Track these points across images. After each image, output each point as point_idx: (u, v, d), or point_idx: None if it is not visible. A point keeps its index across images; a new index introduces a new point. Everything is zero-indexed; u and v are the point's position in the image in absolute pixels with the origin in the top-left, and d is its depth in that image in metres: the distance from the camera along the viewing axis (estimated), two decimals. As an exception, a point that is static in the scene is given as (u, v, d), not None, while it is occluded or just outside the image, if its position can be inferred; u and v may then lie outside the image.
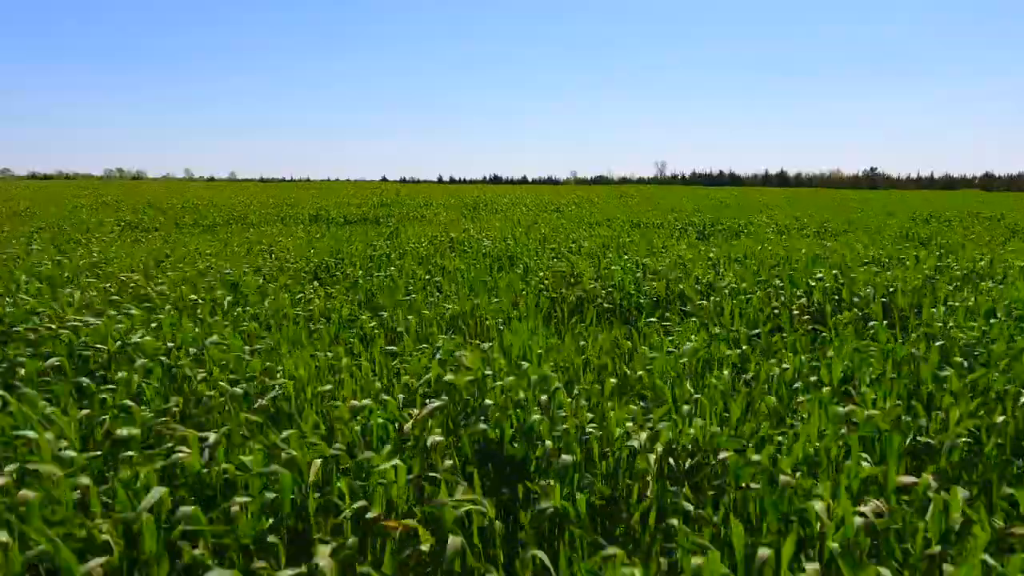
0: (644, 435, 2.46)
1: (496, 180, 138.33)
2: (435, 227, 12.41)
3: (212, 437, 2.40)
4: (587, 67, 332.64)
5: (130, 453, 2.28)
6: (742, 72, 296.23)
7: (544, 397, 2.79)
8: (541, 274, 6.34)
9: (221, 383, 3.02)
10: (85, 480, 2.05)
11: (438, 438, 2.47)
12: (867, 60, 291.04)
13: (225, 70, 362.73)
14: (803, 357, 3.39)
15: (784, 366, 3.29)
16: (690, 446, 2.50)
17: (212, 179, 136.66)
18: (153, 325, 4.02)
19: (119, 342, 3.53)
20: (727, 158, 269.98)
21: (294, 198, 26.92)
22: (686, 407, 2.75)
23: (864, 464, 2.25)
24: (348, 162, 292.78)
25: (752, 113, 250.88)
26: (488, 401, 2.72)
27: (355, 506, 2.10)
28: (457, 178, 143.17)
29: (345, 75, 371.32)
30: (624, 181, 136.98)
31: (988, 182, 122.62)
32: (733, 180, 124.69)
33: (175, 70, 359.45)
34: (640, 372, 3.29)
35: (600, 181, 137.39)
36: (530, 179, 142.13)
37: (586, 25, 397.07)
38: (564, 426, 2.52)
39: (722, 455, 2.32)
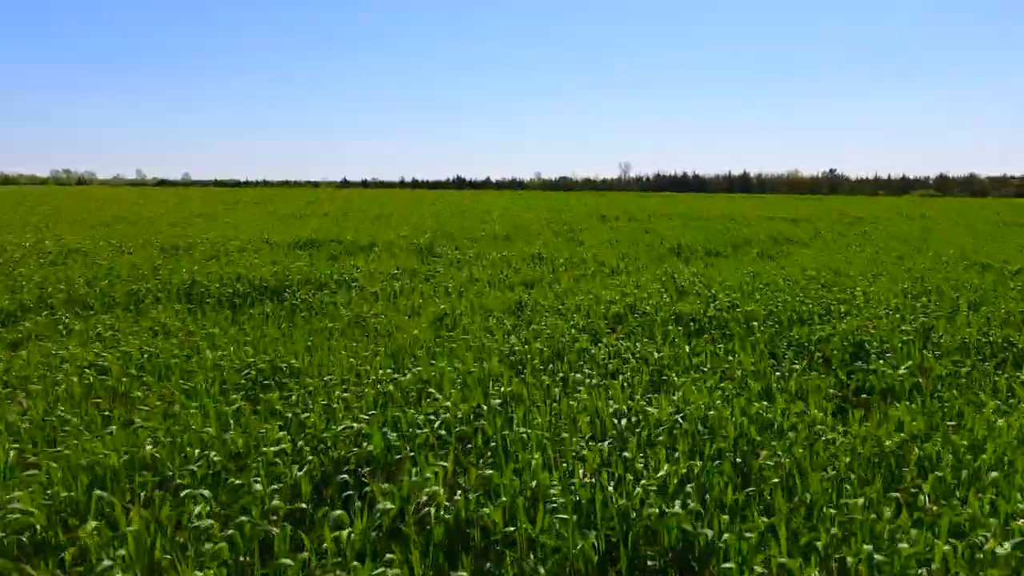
0: None
1: (460, 182, 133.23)
2: (358, 331, 7.52)
3: None
4: (557, 67, 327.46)
5: None
6: (717, 72, 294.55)
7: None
8: None
9: None
10: None
11: None
12: (856, 61, 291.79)
13: (195, 69, 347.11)
14: None
15: None
16: None
17: (164, 182, 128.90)
18: None
19: None
20: (690, 158, 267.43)
21: (202, 220, 21.55)
22: None
23: None
24: (321, 162, 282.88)
25: (715, 113, 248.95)
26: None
27: None
28: (420, 179, 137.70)
29: (319, 74, 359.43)
30: (588, 182, 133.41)
31: (943, 183, 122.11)
32: (697, 182, 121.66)
33: (144, 67, 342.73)
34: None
35: (564, 183, 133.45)
36: (494, 180, 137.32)
37: (556, 26, 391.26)
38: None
39: None
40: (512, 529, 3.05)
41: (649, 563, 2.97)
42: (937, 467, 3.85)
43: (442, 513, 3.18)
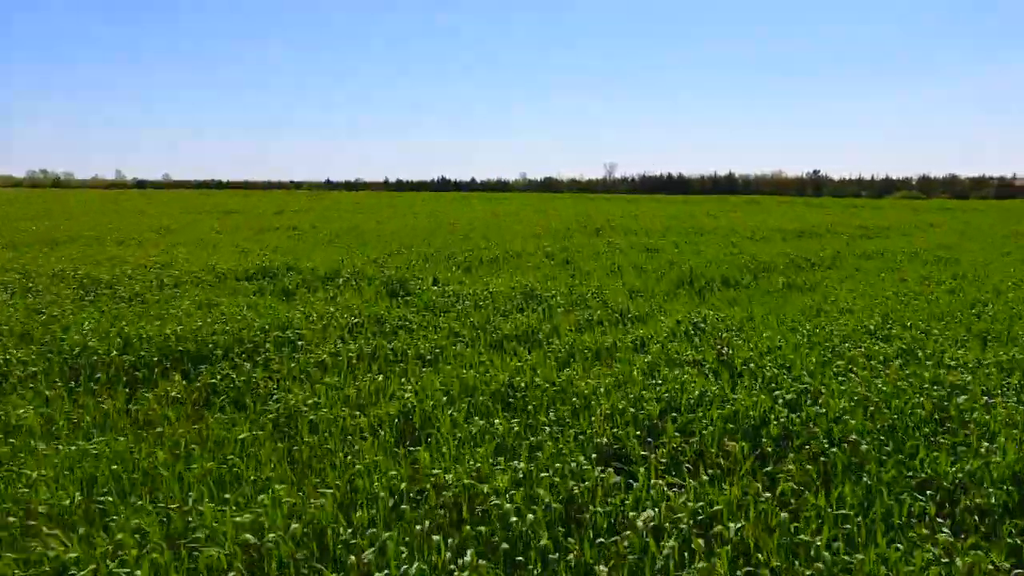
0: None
1: (444, 183, 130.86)
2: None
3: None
4: (540, 66, 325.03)
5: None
6: (700, 72, 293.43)
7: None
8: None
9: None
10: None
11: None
12: (837, 62, 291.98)
13: (177, 67, 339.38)
14: None
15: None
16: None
17: (143, 183, 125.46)
18: None
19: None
20: (673, 159, 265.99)
21: (156, 237, 19.09)
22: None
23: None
24: (305, 161, 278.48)
25: (698, 114, 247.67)
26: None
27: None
28: (405, 180, 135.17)
29: (303, 73, 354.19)
30: (573, 183, 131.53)
31: (926, 184, 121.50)
32: (682, 183, 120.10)
33: (125, 64, 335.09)
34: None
35: (549, 183, 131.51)
36: (479, 180, 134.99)
37: (542, 27, 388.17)
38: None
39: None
40: None
41: None
42: None
43: None
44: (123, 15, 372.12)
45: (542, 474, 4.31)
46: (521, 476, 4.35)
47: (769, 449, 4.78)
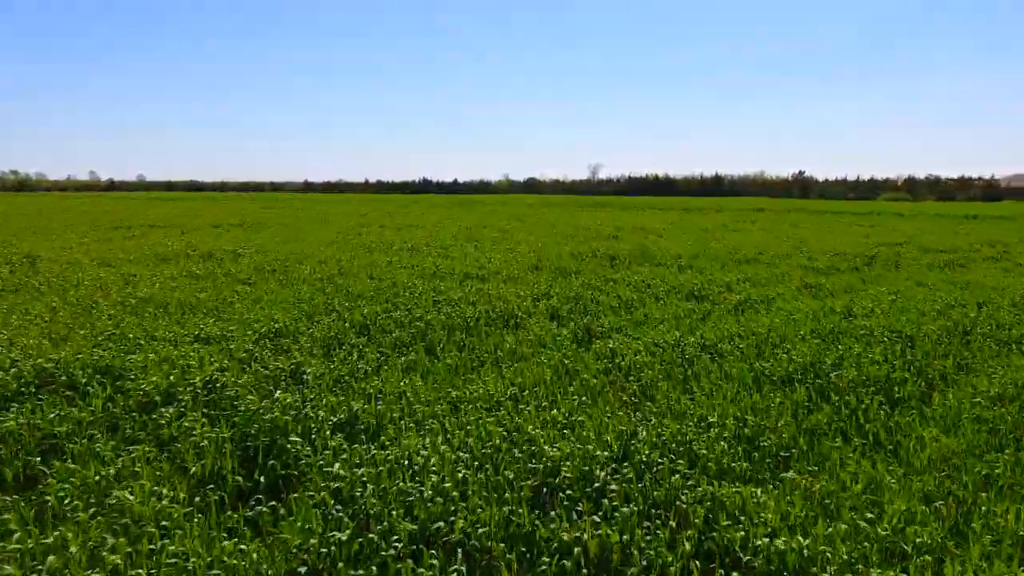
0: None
1: (426, 184, 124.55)
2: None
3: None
4: (537, 66, 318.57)
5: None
6: (690, 72, 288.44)
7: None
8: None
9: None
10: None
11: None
12: (820, 62, 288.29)
13: (160, 65, 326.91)
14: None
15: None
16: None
17: (113, 184, 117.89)
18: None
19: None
20: (659, 159, 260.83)
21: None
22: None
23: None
24: (294, 161, 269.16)
25: (687, 114, 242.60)
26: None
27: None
28: (387, 181, 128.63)
29: (291, 71, 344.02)
30: (557, 184, 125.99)
31: (913, 185, 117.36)
32: (668, 184, 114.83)
33: (108, 62, 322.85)
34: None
35: (532, 183, 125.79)
36: (461, 181, 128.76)
37: (533, 25, 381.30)
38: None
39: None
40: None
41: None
42: None
43: None
44: (121, 15, 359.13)
45: None
46: None
47: None
